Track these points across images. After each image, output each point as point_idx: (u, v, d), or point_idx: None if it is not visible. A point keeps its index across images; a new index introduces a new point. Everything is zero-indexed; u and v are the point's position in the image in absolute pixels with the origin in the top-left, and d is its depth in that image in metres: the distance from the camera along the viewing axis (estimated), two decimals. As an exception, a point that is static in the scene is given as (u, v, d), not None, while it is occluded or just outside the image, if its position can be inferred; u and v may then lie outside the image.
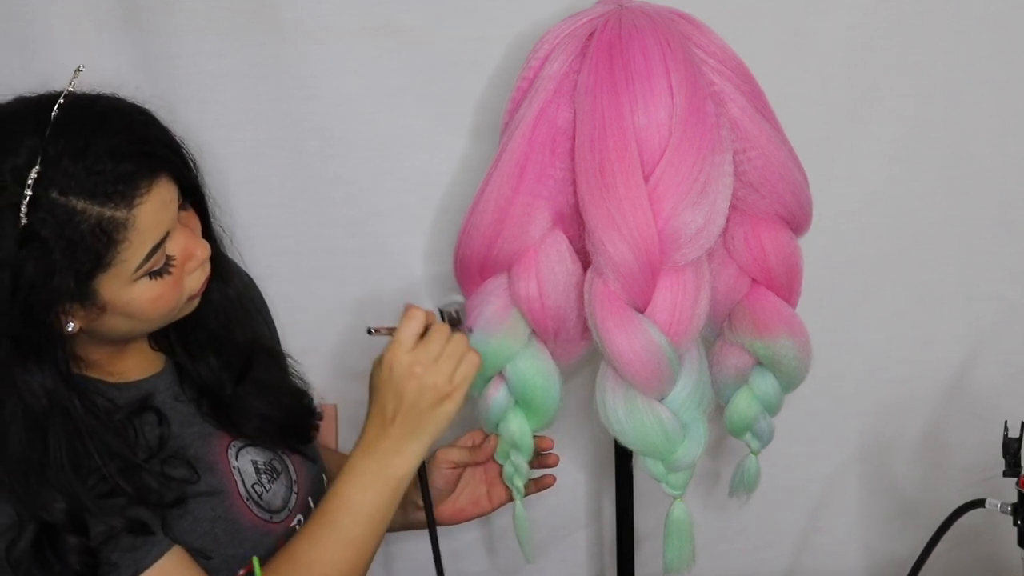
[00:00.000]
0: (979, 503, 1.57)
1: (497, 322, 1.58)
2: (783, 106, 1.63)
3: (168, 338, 1.56)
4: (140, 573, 1.41)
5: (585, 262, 1.57)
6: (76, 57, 1.48)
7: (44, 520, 1.38)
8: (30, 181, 1.33)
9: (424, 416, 1.49)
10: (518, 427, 1.64)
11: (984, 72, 1.83)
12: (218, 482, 1.52)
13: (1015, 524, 1.55)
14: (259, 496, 1.55)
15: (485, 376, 1.62)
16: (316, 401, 1.68)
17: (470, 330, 1.56)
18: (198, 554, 1.47)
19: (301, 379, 1.69)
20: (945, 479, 1.94)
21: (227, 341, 1.58)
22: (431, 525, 1.58)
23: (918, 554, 1.62)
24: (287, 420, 1.61)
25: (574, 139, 1.53)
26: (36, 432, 1.39)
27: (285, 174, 1.83)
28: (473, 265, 1.60)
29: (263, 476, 1.57)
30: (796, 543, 1.99)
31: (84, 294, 1.38)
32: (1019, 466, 1.56)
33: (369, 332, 1.54)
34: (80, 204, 1.34)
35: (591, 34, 1.55)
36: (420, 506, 1.69)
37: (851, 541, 1.99)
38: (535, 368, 1.61)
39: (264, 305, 1.72)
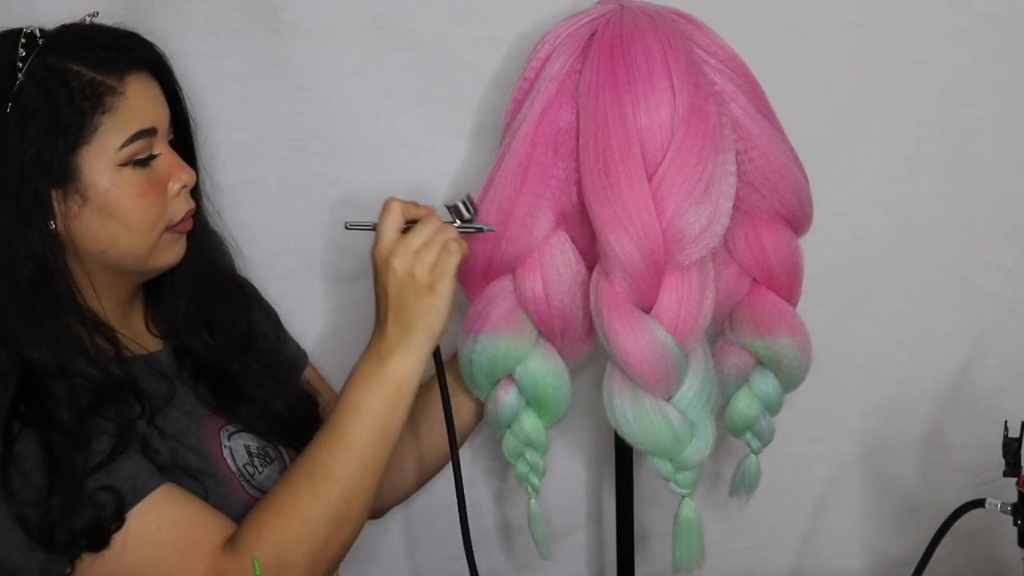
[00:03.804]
0: (979, 503, 1.57)
1: (505, 324, 1.58)
2: (783, 106, 1.63)
3: (164, 318, 1.58)
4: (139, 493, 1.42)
5: (588, 262, 1.57)
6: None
7: (30, 361, 1.41)
8: (23, 40, 1.44)
9: (411, 309, 1.46)
10: (532, 426, 1.64)
11: (984, 72, 1.83)
12: (206, 459, 1.52)
13: (1015, 524, 1.55)
14: (251, 476, 1.56)
15: (494, 379, 1.62)
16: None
17: (489, 227, 1.52)
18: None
19: (311, 387, 1.70)
20: (945, 479, 1.93)
21: (223, 320, 1.60)
22: (449, 419, 1.55)
23: (918, 553, 1.62)
24: (289, 417, 1.62)
25: (576, 139, 1.53)
26: (24, 293, 1.43)
27: (285, 174, 1.82)
28: (477, 267, 1.60)
29: (255, 459, 1.58)
30: (796, 543, 1.99)
31: (68, 170, 1.43)
32: (1019, 466, 1.56)
33: (347, 227, 1.52)
34: (75, 66, 1.44)
35: (592, 34, 1.55)
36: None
37: (851, 541, 1.98)
38: (546, 368, 1.61)
39: (275, 316, 1.74)
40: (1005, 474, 1.57)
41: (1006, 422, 1.59)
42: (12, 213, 1.42)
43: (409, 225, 1.50)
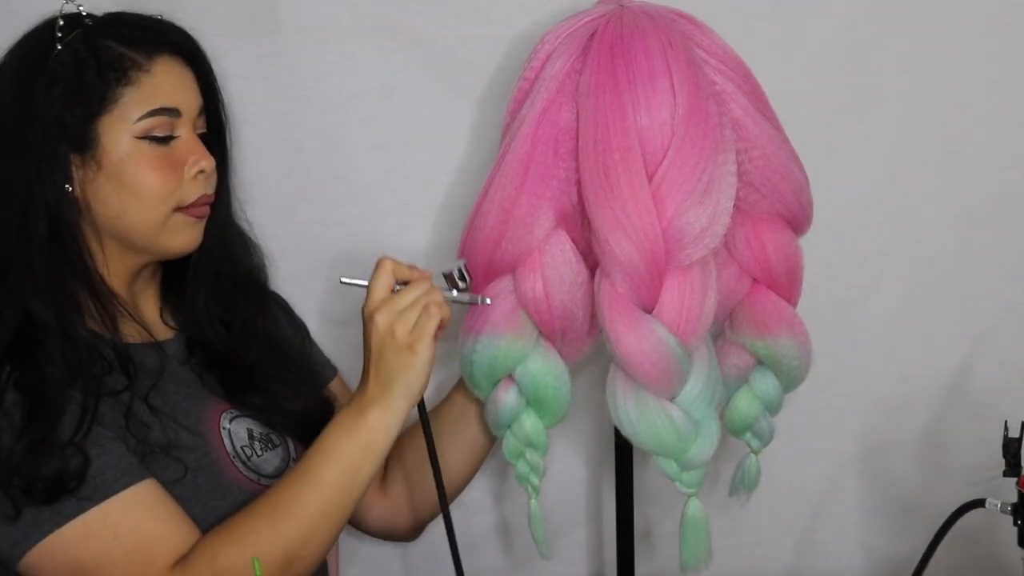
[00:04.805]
0: (979, 503, 1.57)
1: (505, 324, 1.58)
2: (783, 106, 1.63)
3: (182, 312, 1.61)
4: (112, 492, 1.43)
5: (589, 262, 1.57)
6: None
7: (31, 311, 1.45)
8: (70, 16, 1.51)
9: (390, 366, 1.49)
10: (532, 426, 1.63)
11: (984, 72, 1.83)
12: (202, 437, 1.54)
13: (1015, 524, 1.55)
14: (247, 457, 1.57)
15: (494, 379, 1.62)
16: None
17: (483, 299, 1.55)
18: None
19: (332, 395, 1.72)
20: (945, 479, 1.93)
21: (242, 318, 1.62)
22: (436, 473, 1.56)
23: (917, 553, 1.61)
24: (306, 419, 1.63)
25: (577, 139, 1.53)
26: (36, 247, 1.47)
27: (285, 174, 1.83)
28: (478, 267, 1.59)
29: (256, 443, 1.59)
30: (796, 542, 1.99)
31: (88, 137, 1.48)
32: (1019, 466, 1.56)
33: (341, 282, 1.55)
34: (109, 43, 1.51)
35: (592, 34, 1.55)
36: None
37: (851, 540, 1.98)
38: (546, 368, 1.61)
39: (305, 329, 1.76)
40: (1005, 474, 1.57)
41: (1006, 422, 1.59)
42: (33, 170, 1.48)
43: (402, 286, 1.51)
